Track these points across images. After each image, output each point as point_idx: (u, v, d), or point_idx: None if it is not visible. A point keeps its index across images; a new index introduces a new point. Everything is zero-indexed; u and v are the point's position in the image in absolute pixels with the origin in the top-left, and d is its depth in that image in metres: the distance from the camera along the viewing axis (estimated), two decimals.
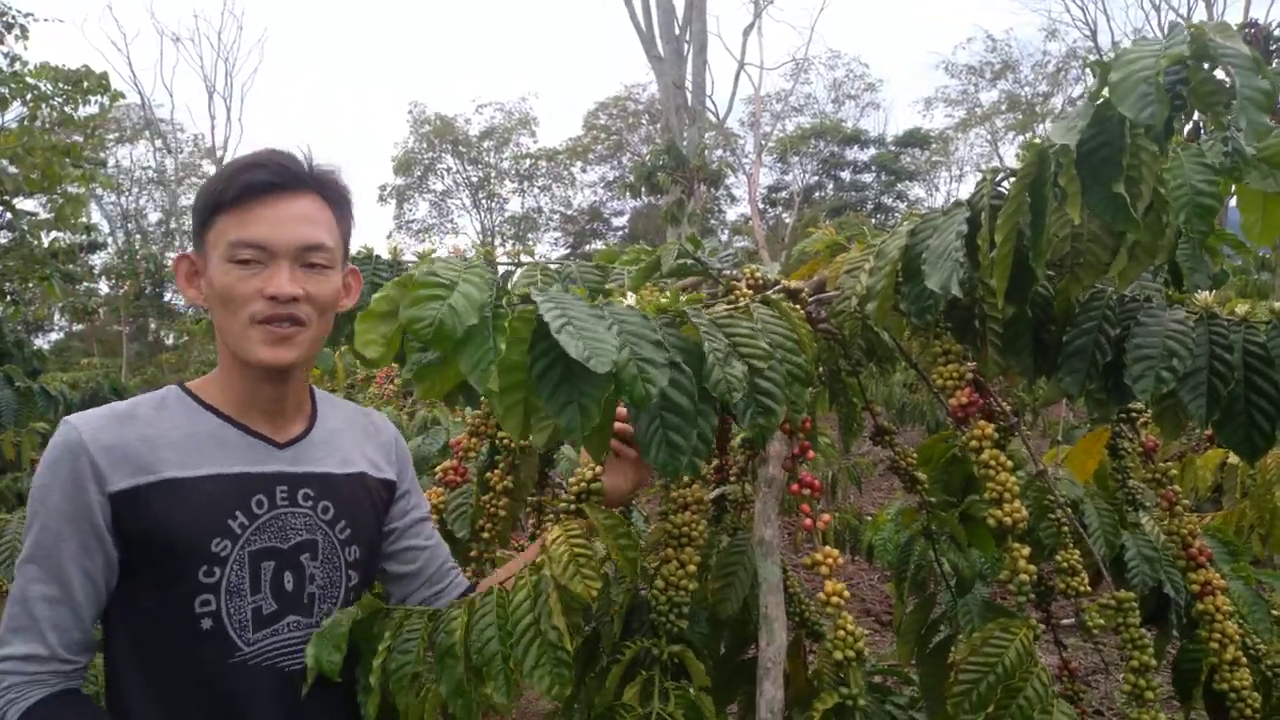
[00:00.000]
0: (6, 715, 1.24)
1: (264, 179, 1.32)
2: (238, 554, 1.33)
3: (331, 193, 1.40)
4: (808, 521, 1.43)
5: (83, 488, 1.27)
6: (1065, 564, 1.64)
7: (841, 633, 1.41)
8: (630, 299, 1.21)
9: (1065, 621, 1.96)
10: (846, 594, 1.42)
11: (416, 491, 1.61)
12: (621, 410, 1.44)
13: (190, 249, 1.41)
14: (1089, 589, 1.63)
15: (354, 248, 1.71)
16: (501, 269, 1.84)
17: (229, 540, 1.32)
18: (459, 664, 1.31)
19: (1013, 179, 1.24)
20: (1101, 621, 1.57)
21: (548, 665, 1.26)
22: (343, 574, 1.44)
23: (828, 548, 1.42)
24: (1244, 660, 1.61)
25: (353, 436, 1.51)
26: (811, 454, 1.50)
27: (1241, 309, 1.46)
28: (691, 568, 1.54)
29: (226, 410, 1.39)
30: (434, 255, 1.79)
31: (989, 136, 30.45)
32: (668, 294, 1.31)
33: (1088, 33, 25.67)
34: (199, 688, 1.31)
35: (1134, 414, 1.83)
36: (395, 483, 1.56)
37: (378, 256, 1.76)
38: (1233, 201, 1.46)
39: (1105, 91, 1.07)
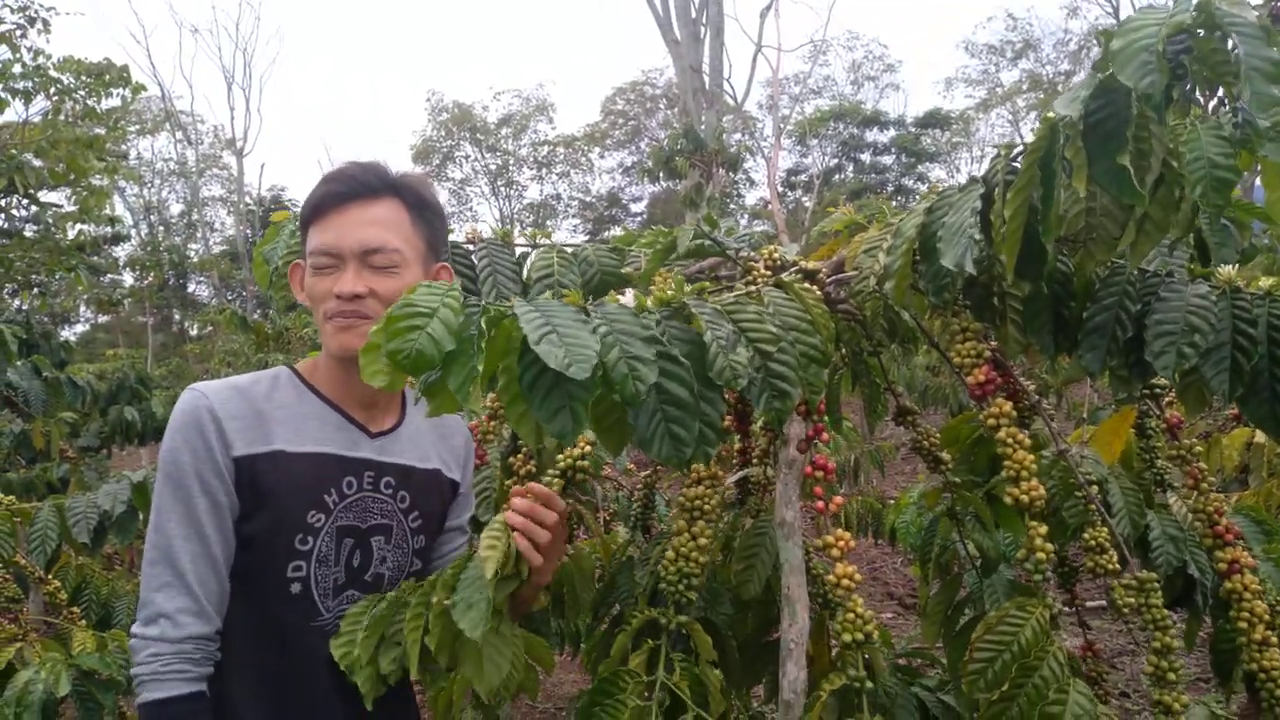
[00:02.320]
0: (142, 684, 1.34)
1: (336, 190, 1.47)
2: (329, 527, 1.46)
3: (409, 196, 1.51)
4: (819, 504, 1.43)
5: (211, 448, 1.39)
6: (1093, 542, 1.63)
7: (851, 615, 1.41)
8: (628, 297, 1.23)
9: (1095, 603, 1.95)
10: (858, 577, 1.42)
11: (466, 500, 1.72)
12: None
13: (301, 258, 1.55)
14: (1116, 567, 1.62)
15: None
16: (519, 251, 1.84)
17: (323, 514, 1.45)
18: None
19: (1025, 154, 1.22)
20: (1131, 600, 1.57)
21: None
22: (409, 559, 1.57)
23: (839, 530, 1.42)
24: (1273, 640, 1.59)
25: (432, 437, 1.64)
26: (825, 436, 1.50)
27: (1266, 283, 1.44)
28: (703, 540, 1.55)
29: (328, 395, 1.52)
30: (449, 234, 1.80)
31: (1010, 116, 30.12)
32: (674, 286, 1.31)
33: (1110, 10, 25.32)
34: (280, 647, 1.44)
35: (1159, 390, 1.81)
36: (459, 484, 1.68)
37: None
38: (1259, 180, 1.44)
39: (1110, 62, 1.06)
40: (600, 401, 1.17)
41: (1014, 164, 1.29)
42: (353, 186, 1.47)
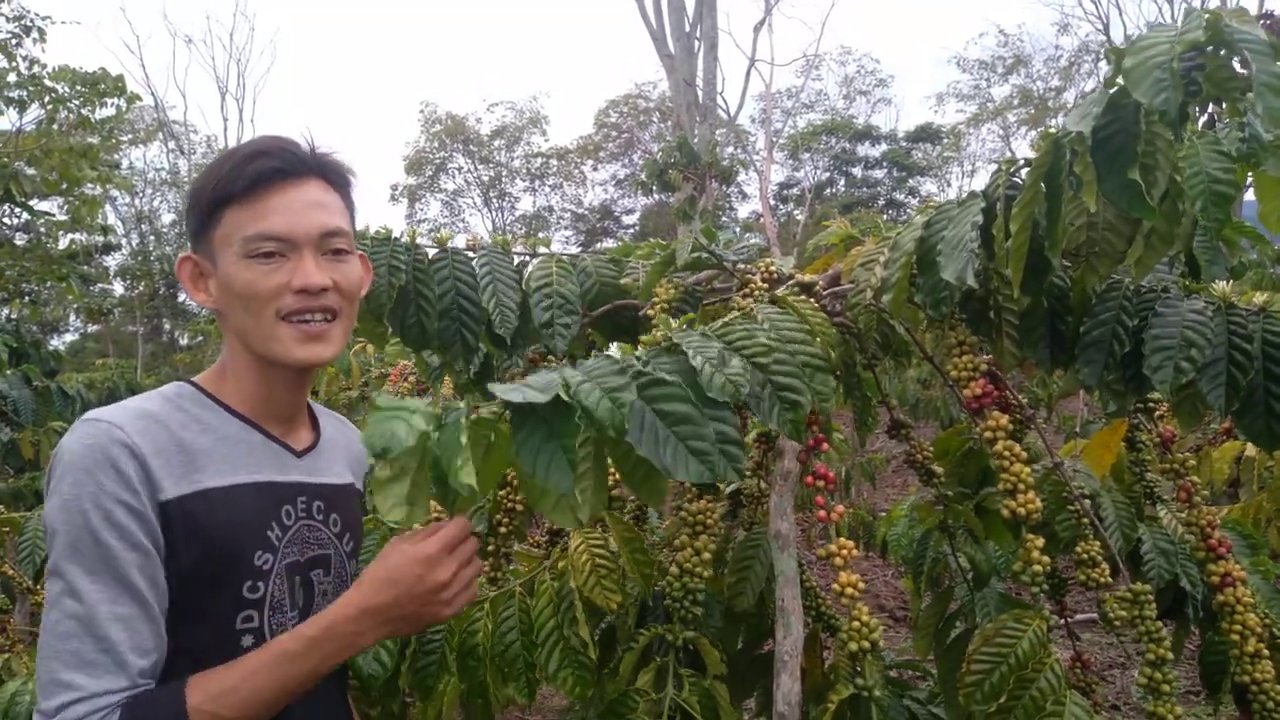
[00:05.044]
0: None
1: (273, 166, 1.23)
2: (278, 567, 1.26)
3: (335, 175, 1.32)
4: (822, 514, 1.43)
5: (136, 492, 1.13)
6: (1085, 555, 1.64)
7: (856, 624, 1.41)
8: (613, 350, 1.23)
9: (1085, 616, 1.96)
10: (861, 585, 1.42)
11: None
12: None
13: (189, 250, 1.30)
14: (1109, 580, 1.62)
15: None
16: (517, 259, 1.84)
17: (270, 554, 1.25)
18: (480, 665, 1.34)
19: (1028, 169, 1.23)
20: (1123, 613, 1.57)
21: (570, 668, 1.32)
22: (348, 587, 1.35)
23: (842, 539, 1.42)
24: (1265, 652, 1.60)
25: (341, 446, 1.46)
26: (826, 446, 1.50)
27: (1260, 299, 1.45)
28: (706, 555, 1.54)
29: (246, 412, 1.30)
30: (450, 241, 1.80)
31: (1001, 131, 30.28)
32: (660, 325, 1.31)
33: (1100, 26, 25.50)
34: None
35: (1151, 405, 1.82)
36: (362, 495, 1.51)
37: (396, 239, 1.75)
38: (1249, 194, 1.45)
39: (1120, 79, 1.07)
40: (626, 456, 1.14)
41: (1015, 179, 1.30)
42: (290, 162, 1.25)
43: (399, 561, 1.14)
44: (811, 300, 1.50)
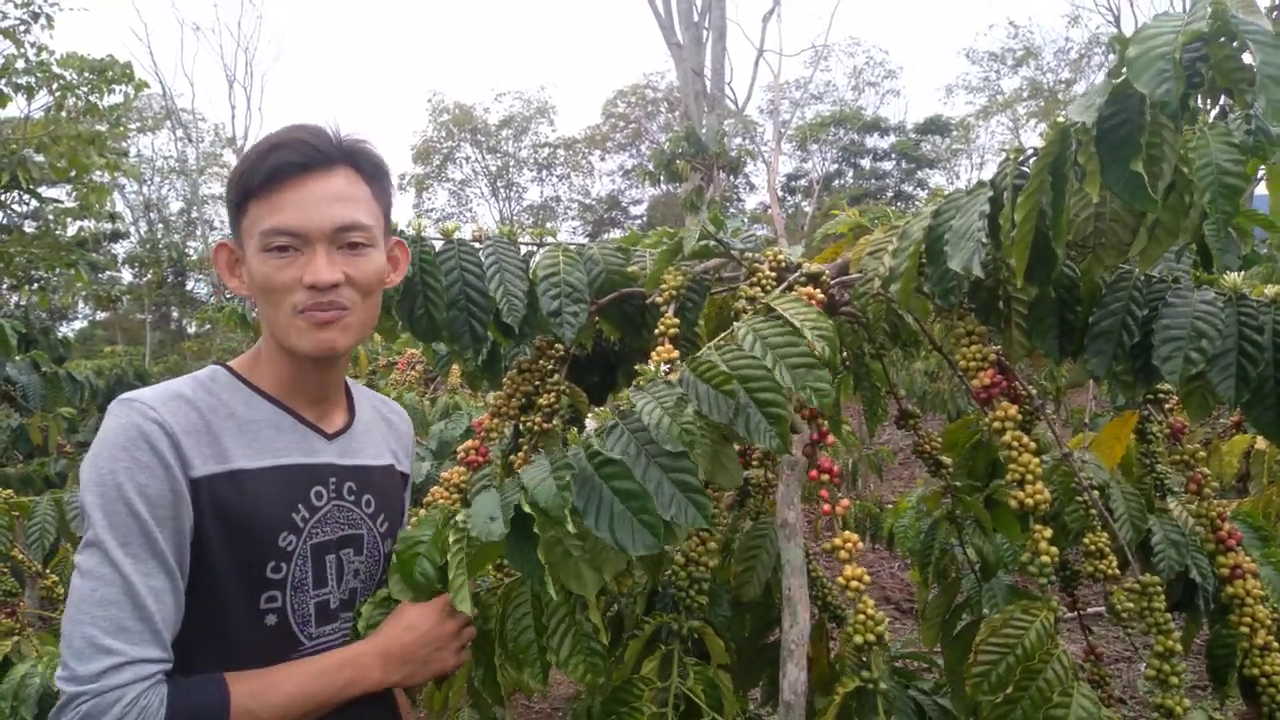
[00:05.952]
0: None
1: (290, 160, 1.24)
2: (302, 549, 1.29)
3: (365, 164, 1.32)
4: (826, 507, 1.42)
5: (170, 469, 1.17)
6: (1093, 547, 1.63)
7: (862, 617, 1.41)
8: (591, 424, 1.31)
9: (1092, 609, 1.96)
10: (867, 578, 1.41)
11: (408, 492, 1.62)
12: None
13: (228, 237, 1.35)
14: (1116, 572, 1.62)
15: None
16: (524, 249, 1.84)
17: (294, 535, 1.28)
18: (493, 651, 1.37)
19: (1035, 159, 1.22)
20: (1130, 605, 1.56)
21: (582, 654, 1.34)
22: (381, 567, 1.42)
23: (847, 532, 1.41)
24: (1275, 645, 1.59)
25: (381, 428, 1.50)
26: (830, 439, 1.49)
27: (1271, 291, 1.44)
28: (712, 544, 1.54)
29: (274, 394, 1.34)
30: (456, 232, 1.80)
31: (1010, 124, 30.14)
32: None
33: (1111, 19, 25.35)
34: None
35: (1161, 396, 1.82)
36: (409, 476, 1.55)
37: (401, 231, 1.75)
38: (1259, 189, 1.44)
39: (1124, 69, 1.06)
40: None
41: (1023, 168, 1.29)
42: (310, 155, 1.26)
43: (416, 613, 1.30)
44: (818, 292, 1.49)
